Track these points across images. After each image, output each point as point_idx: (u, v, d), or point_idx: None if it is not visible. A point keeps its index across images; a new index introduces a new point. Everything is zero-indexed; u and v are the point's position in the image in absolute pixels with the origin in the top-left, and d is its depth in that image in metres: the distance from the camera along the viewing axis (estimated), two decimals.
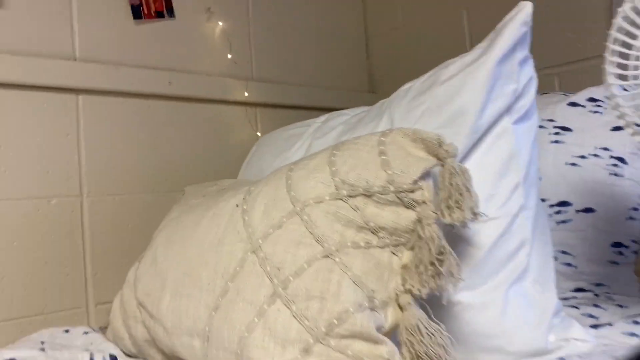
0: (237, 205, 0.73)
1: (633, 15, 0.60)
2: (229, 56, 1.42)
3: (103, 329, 0.93)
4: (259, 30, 1.50)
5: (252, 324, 0.62)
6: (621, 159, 0.88)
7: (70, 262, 1.14)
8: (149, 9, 1.28)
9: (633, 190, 0.87)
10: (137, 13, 1.26)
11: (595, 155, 0.89)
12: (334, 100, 1.63)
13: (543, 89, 1.11)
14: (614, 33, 0.62)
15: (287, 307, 0.61)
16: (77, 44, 1.18)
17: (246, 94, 1.43)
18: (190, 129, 1.34)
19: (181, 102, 1.33)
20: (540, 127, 0.94)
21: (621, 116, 0.64)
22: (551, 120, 0.94)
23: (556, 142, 0.92)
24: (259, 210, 0.69)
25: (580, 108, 0.93)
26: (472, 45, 0.78)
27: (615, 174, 0.87)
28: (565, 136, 0.92)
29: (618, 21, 0.60)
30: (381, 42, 1.77)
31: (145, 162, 1.26)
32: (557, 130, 0.92)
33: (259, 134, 1.45)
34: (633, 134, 0.64)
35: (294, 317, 0.60)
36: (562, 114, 0.94)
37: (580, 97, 0.96)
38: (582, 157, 0.89)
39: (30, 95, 1.11)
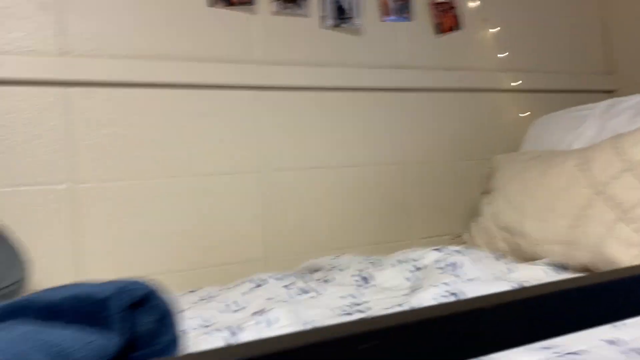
0: (574, 165, 1.14)
1: None
2: (499, 56, 1.83)
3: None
4: (519, 30, 1.88)
5: (604, 234, 1.03)
6: None
7: (398, 209, 1.66)
8: (444, 25, 1.74)
9: None
10: (437, 29, 1.72)
11: None
12: (576, 82, 1.95)
13: None
14: None
15: (627, 225, 1.01)
16: (402, 56, 1.68)
17: (512, 83, 1.82)
18: (470, 112, 1.78)
19: (464, 92, 1.77)
20: None
21: None
22: None
23: None
24: (598, 168, 1.09)
25: None
26: None
27: None
28: None
29: None
30: (620, 30, 2.03)
31: (444, 136, 1.73)
32: None
33: (520, 115, 1.85)
34: None
35: (634, 231, 1.00)
36: None
37: None
38: None
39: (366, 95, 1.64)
